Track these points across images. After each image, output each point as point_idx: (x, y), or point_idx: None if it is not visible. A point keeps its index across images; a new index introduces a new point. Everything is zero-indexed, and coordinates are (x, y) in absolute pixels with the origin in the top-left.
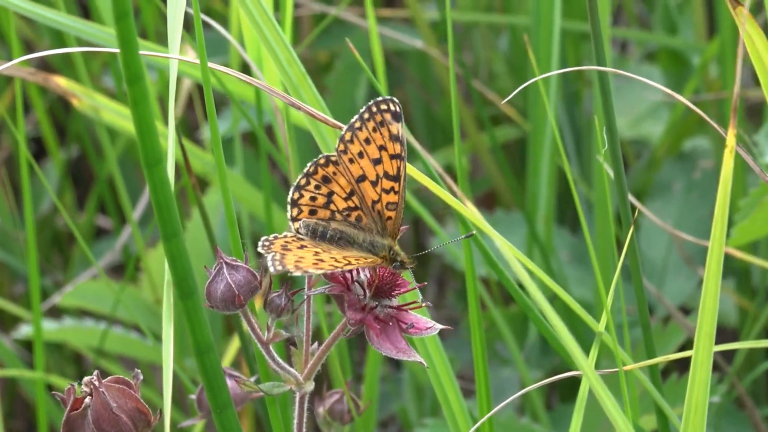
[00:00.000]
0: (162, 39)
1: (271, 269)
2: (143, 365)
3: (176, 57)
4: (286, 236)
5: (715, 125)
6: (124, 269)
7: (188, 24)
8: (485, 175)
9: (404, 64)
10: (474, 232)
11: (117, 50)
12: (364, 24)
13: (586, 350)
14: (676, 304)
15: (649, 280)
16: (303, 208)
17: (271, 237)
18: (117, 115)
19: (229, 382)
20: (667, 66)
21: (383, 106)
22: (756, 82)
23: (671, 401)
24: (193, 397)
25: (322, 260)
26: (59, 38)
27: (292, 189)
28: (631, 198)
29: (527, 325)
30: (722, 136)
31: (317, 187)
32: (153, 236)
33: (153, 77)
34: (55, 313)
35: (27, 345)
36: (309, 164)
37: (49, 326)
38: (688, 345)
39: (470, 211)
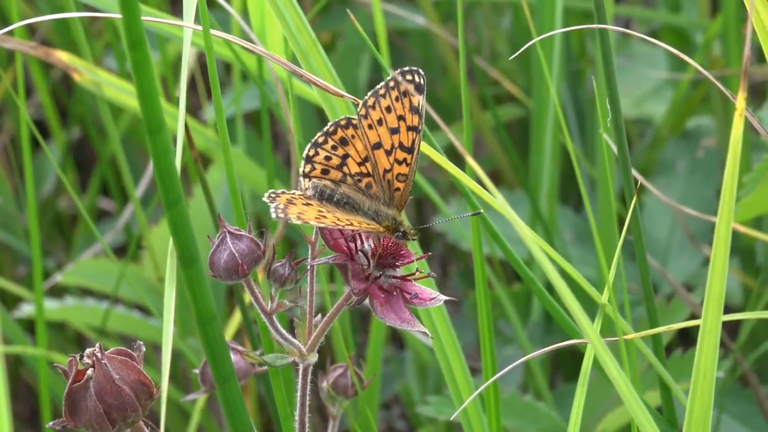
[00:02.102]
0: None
1: (273, 215)
2: (145, 344)
3: (189, 25)
4: (293, 193)
5: (726, 91)
6: (126, 251)
7: None
8: (488, 154)
9: (406, 44)
10: (481, 210)
11: (119, 15)
12: (365, 0)
13: None
14: (680, 283)
15: (652, 259)
16: (316, 165)
17: (278, 191)
18: (119, 91)
19: (233, 357)
20: (670, 44)
21: (408, 77)
22: (759, 59)
23: (675, 377)
24: (197, 371)
25: (324, 216)
26: (61, 19)
27: (308, 145)
28: (634, 172)
29: (530, 304)
30: (725, 114)
31: (334, 148)
32: (155, 214)
33: (155, 57)
34: (57, 293)
35: (29, 327)
36: (329, 124)
37: (50, 305)
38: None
39: (487, 185)
